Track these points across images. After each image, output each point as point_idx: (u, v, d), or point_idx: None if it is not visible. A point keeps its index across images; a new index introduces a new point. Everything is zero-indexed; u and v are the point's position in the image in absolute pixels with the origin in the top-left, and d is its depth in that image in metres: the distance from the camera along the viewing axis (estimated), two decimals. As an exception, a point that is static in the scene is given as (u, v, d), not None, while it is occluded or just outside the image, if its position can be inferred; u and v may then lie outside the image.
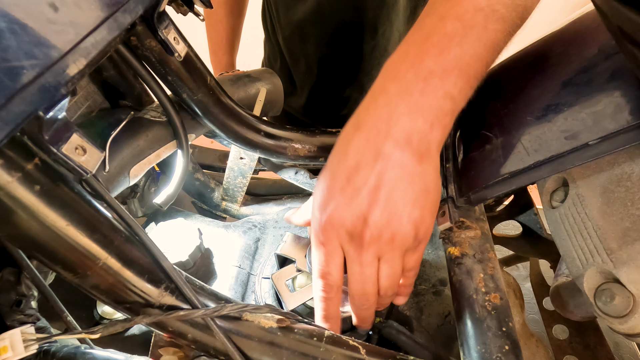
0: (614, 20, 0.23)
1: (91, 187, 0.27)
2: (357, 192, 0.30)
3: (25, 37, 0.20)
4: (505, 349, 0.29)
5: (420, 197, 0.31)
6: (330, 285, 0.33)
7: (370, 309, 0.34)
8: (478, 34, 0.30)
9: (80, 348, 0.31)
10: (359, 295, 0.33)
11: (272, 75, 0.59)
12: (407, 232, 0.31)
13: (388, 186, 0.30)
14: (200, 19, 0.41)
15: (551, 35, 0.38)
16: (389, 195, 0.30)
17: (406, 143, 0.30)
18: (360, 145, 0.31)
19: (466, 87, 0.31)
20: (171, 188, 0.44)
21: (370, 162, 0.30)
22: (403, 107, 0.30)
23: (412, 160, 0.30)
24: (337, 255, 0.32)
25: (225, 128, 0.47)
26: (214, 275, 0.50)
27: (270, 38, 0.84)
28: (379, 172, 0.30)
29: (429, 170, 0.31)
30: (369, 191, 0.30)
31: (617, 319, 0.28)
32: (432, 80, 0.30)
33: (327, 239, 0.32)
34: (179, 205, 0.61)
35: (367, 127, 0.32)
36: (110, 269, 0.27)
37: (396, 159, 0.30)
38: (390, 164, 0.30)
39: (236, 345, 0.29)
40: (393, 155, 0.30)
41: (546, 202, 0.37)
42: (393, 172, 0.30)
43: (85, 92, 0.40)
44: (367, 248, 0.31)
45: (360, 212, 0.30)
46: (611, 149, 0.28)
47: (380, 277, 0.33)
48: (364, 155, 0.31)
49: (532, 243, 0.52)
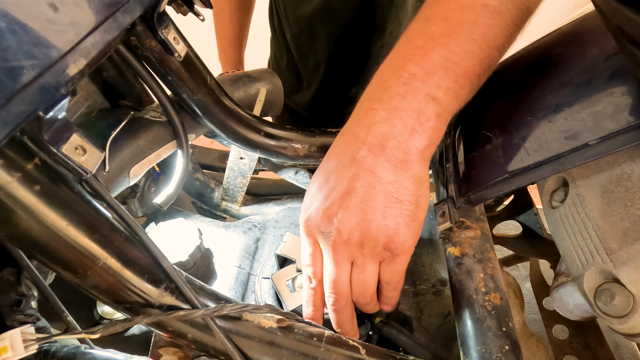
0: (614, 20, 0.23)
1: (91, 187, 0.27)
2: (330, 194, 0.31)
3: (25, 37, 0.20)
4: (505, 349, 0.29)
5: (391, 207, 0.30)
6: (311, 278, 0.34)
7: (344, 312, 0.34)
8: (467, 31, 0.30)
9: (80, 348, 0.31)
10: (329, 293, 0.33)
11: (272, 75, 0.59)
12: (376, 239, 0.30)
13: (359, 191, 0.30)
14: (200, 19, 0.41)
15: (551, 35, 0.38)
16: (359, 201, 0.30)
17: (380, 149, 0.30)
18: (340, 150, 0.32)
19: (455, 87, 0.30)
20: (171, 188, 0.44)
21: (346, 166, 0.31)
22: (382, 113, 0.30)
23: (384, 167, 0.30)
24: (318, 251, 0.34)
25: (225, 128, 0.47)
26: (214, 275, 0.50)
27: (277, 35, 0.84)
28: (351, 177, 0.30)
29: (403, 180, 0.30)
30: (340, 195, 0.30)
31: (617, 319, 0.28)
32: (413, 83, 0.30)
33: (308, 235, 0.33)
34: (179, 205, 0.61)
35: (348, 133, 0.32)
36: (110, 269, 0.27)
37: (368, 165, 0.30)
38: (363, 170, 0.30)
39: (236, 345, 0.29)
40: (365, 161, 0.30)
41: (546, 202, 0.37)
42: (364, 178, 0.30)
43: (85, 92, 0.40)
44: (337, 249, 0.31)
45: (331, 213, 0.31)
46: (611, 149, 0.28)
47: (352, 281, 0.33)
48: (341, 159, 0.31)
49: (532, 243, 0.52)
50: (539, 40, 0.40)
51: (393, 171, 0.30)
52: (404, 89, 0.30)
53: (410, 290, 0.47)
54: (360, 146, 0.30)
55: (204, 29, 0.86)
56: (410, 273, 0.49)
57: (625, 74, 0.28)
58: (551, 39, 0.38)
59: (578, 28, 0.36)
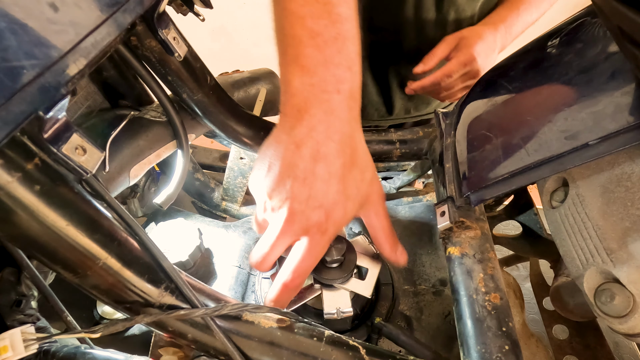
0: (614, 20, 0.23)
1: (91, 187, 0.27)
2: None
3: (25, 37, 0.20)
4: (505, 349, 0.29)
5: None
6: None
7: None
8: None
9: (80, 348, 0.32)
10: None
11: (272, 75, 0.59)
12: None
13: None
14: (200, 19, 0.42)
15: (551, 35, 0.38)
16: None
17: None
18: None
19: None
20: (171, 188, 0.44)
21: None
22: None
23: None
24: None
25: (225, 128, 0.47)
26: (214, 275, 0.50)
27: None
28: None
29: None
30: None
31: (617, 319, 0.28)
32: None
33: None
34: (179, 205, 0.61)
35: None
36: (110, 269, 0.27)
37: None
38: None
39: (236, 345, 0.29)
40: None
41: (546, 202, 0.37)
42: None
43: (85, 92, 0.40)
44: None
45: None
46: (611, 149, 0.28)
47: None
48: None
49: (532, 243, 0.52)
50: (538, 39, 0.40)
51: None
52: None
53: (410, 290, 0.47)
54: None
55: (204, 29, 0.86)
56: (410, 273, 0.49)
57: (625, 74, 0.28)
58: (551, 39, 0.38)
59: (578, 28, 0.36)
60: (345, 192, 0.33)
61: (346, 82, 0.31)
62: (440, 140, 0.47)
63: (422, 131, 0.53)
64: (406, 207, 0.58)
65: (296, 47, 0.31)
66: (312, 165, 0.31)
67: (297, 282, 0.34)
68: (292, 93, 0.32)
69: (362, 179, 0.34)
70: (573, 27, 0.36)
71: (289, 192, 0.32)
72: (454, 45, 0.64)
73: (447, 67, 0.64)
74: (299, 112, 0.31)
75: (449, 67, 0.64)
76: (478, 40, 0.63)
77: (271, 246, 0.34)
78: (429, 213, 0.55)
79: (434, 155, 0.49)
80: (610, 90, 0.28)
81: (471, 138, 0.41)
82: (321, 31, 0.30)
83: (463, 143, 0.42)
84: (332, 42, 0.30)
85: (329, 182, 0.32)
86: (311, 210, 0.32)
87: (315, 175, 0.31)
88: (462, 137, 0.42)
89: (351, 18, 0.32)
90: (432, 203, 0.60)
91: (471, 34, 0.64)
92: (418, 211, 0.56)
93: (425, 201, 0.63)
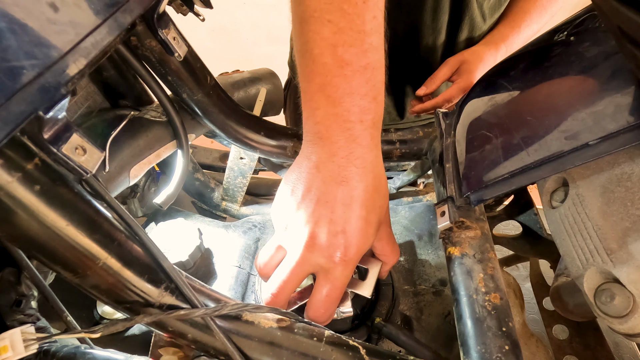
0: (614, 20, 0.23)
1: (91, 187, 0.27)
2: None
3: (25, 37, 0.20)
4: (505, 349, 0.29)
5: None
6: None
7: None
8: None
9: (80, 348, 0.31)
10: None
11: (272, 75, 0.59)
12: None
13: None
14: (200, 19, 0.42)
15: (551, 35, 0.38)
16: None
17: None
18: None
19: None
20: (171, 188, 0.44)
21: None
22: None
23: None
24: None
25: (225, 128, 0.47)
26: (214, 275, 0.50)
27: None
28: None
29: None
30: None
31: (617, 319, 0.28)
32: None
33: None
34: (179, 205, 0.61)
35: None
36: (110, 269, 0.27)
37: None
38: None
39: (236, 345, 0.29)
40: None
41: (546, 202, 0.37)
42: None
43: (85, 92, 0.40)
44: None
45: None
46: (611, 149, 0.28)
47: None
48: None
49: (532, 243, 0.52)
50: (538, 39, 0.40)
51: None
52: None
53: (410, 290, 0.47)
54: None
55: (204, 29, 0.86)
56: (410, 273, 0.49)
57: (625, 74, 0.28)
58: (551, 39, 0.38)
59: (578, 28, 0.36)
60: (367, 217, 0.32)
61: (370, 113, 0.31)
62: (440, 140, 0.47)
63: (422, 131, 0.53)
64: (406, 207, 0.58)
65: (324, 76, 0.30)
66: (334, 189, 0.31)
67: (327, 316, 0.34)
68: (315, 121, 0.31)
69: (381, 206, 0.34)
70: (573, 26, 0.36)
71: (311, 216, 0.31)
72: (456, 68, 0.65)
73: (448, 92, 0.64)
74: (321, 139, 0.31)
75: (449, 93, 0.64)
76: (479, 64, 0.63)
77: (290, 273, 0.33)
78: (429, 213, 0.55)
79: (434, 155, 0.49)
80: (610, 90, 0.28)
81: (471, 138, 0.41)
82: (352, 61, 0.29)
83: (463, 143, 0.42)
84: (361, 72, 0.30)
85: (351, 206, 0.31)
86: (332, 236, 0.31)
87: (336, 199, 0.31)
88: (462, 137, 0.42)
89: (381, 48, 0.31)
90: (432, 203, 0.60)
91: (472, 58, 0.64)
92: (418, 211, 0.56)
93: (425, 201, 0.63)
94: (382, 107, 0.32)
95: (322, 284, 0.33)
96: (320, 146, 0.31)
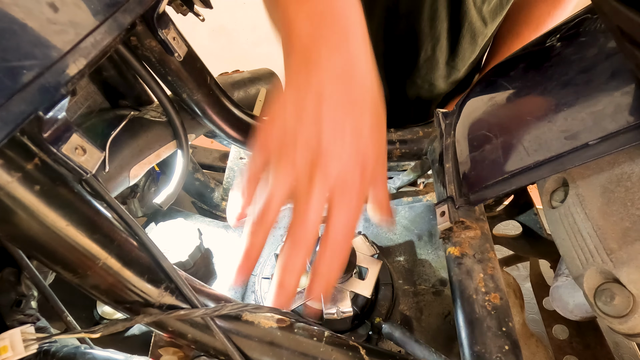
0: (614, 20, 0.23)
1: (91, 187, 0.27)
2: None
3: (25, 37, 0.20)
4: (505, 349, 0.29)
5: None
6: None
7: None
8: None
9: (80, 348, 0.32)
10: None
11: (272, 75, 0.59)
12: None
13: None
14: (200, 19, 0.42)
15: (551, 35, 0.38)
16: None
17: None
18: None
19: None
20: (171, 188, 0.44)
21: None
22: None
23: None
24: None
25: (225, 128, 0.47)
26: (214, 275, 0.50)
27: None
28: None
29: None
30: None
31: (617, 319, 0.28)
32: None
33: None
34: (179, 205, 0.61)
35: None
36: (110, 269, 0.27)
37: None
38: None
39: (236, 345, 0.29)
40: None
41: (546, 202, 0.37)
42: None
43: (85, 92, 0.40)
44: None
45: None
46: (611, 149, 0.28)
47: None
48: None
49: (532, 243, 0.52)
50: (538, 39, 0.40)
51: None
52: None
53: (410, 290, 0.47)
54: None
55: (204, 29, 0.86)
56: (410, 273, 0.49)
57: (625, 74, 0.28)
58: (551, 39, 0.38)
59: (578, 27, 0.36)
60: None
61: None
62: (440, 140, 0.47)
63: (422, 131, 0.53)
64: (406, 207, 0.58)
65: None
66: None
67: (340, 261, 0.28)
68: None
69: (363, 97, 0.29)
70: (573, 26, 0.36)
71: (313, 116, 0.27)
72: None
73: None
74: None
75: None
76: None
77: (271, 193, 0.27)
78: (429, 213, 0.55)
79: (434, 155, 0.49)
80: (610, 90, 0.28)
81: (471, 138, 0.41)
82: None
83: (463, 143, 0.42)
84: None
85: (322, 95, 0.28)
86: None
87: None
88: (462, 137, 0.42)
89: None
90: (432, 203, 0.60)
91: None
92: (418, 211, 0.56)
93: (425, 201, 0.63)
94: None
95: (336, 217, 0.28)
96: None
